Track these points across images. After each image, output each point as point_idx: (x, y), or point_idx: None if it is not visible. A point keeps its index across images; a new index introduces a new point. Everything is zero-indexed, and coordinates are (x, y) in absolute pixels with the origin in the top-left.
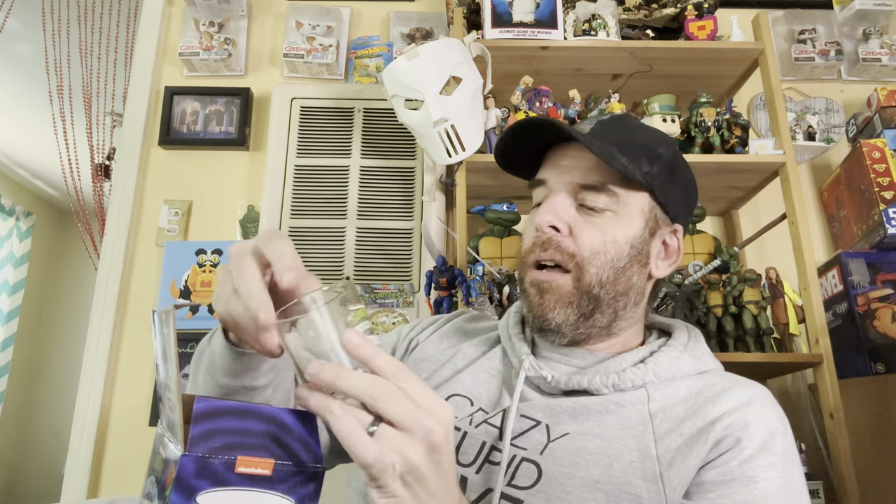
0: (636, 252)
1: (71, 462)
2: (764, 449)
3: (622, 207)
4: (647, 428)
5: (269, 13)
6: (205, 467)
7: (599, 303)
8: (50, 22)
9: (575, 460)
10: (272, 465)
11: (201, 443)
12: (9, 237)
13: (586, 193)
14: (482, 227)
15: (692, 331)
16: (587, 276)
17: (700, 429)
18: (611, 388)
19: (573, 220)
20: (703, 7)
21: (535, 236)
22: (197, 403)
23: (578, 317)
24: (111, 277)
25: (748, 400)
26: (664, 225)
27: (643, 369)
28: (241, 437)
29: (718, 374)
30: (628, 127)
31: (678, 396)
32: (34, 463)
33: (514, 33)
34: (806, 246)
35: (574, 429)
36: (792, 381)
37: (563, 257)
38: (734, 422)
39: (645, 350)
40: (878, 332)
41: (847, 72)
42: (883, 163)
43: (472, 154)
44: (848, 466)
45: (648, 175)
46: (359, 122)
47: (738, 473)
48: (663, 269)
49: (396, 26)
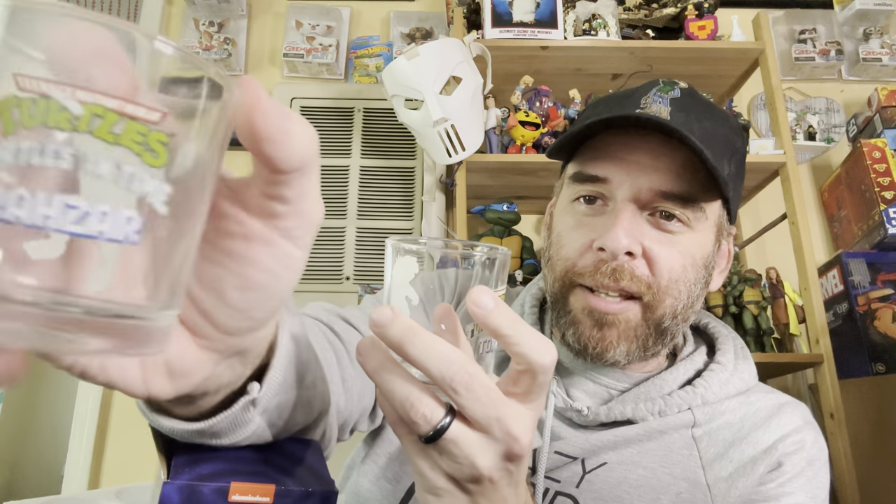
0: (708, 273)
1: (71, 462)
2: (800, 475)
3: (701, 222)
4: (693, 453)
5: (269, 13)
6: (193, 497)
7: (665, 334)
8: None
9: (616, 493)
10: (273, 492)
11: (186, 469)
12: None
13: (666, 203)
14: (482, 227)
15: (737, 342)
16: (661, 307)
17: (752, 457)
18: (656, 414)
19: (649, 240)
20: (703, 7)
21: (600, 259)
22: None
23: (640, 350)
24: None
25: (797, 427)
26: (725, 231)
27: (691, 393)
28: (235, 463)
29: (761, 391)
30: (705, 111)
31: (724, 419)
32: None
33: (514, 33)
34: (806, 246)
35: (612, 458)
36: (792, 381)
37: (640, 288)
38: (783, 449)
39: (689, 367)
40: (879, 332)
41: (847, 72)
42: (883, 163)
43: (472, 154)
44: (848, 466)
45: (729, 177)
46: (359, 122)
47: (771, 494)
48: (717, 281)
49: (396, 26)
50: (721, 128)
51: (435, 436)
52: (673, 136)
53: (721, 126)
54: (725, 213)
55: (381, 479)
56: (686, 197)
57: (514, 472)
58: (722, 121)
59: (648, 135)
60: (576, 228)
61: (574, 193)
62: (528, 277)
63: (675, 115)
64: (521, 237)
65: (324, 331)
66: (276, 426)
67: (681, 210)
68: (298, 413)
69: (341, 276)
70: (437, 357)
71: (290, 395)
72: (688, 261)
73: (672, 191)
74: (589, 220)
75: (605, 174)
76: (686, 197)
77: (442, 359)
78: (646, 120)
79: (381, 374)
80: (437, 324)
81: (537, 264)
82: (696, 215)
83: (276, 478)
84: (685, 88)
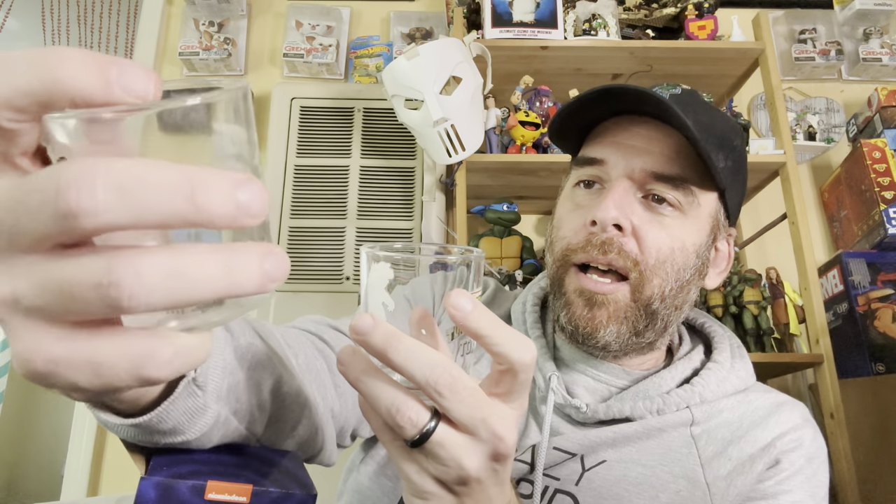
0: (700, 263)
1: (71, 462)
2: (799, 473)
3: (693, 208)
4: (692, 451)
5: (269, 13)
6: (169, 493)
7: (655, 318)
8: (50, 22)
9: (615, 491)
10: (250, 492)
11: (165, 468)
12: None
13: (658, 185)
14: (482, 227)
15: (733, 341)
16: (649, 287)
17: (751, 455)
18: (654, 412)
19: (639, 219)
20: (703, 7)
21: (590, 233)
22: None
23: (631, 334)
24: None
25: (795, 425)
26: (723, 229)
27: (689, 391)
28: (213, 465)
29: (759, 390)
30: (704, 108)
31: (722, 418)
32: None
33: (514, 33)
34: (806, 246)
35: (611, 456)
36: (792, 381)
37: (626, 263)
38: (781, 446)
39: (686, 366)
40: (879, 332)
41: (847, 71)
42: (883, 163)
43: (472, 154)
44: (848, 466)
45: (724, 171)
46: (359, 121)
47: (769, 491)
48: (714, 279)
49: (396, 26)
50: (718, 123)
51: (421, 439)
52: (669, 122)
53: (718, 122)
54: (723, 209)
55: (380, 477)
56: (676, 178)
57: (499, 472)
58: (720, 119)
59: (646, 121)
60: (573, 210)
61: (575, 178)
62: (528, 277)
63: (673, 105)
64: (521, 237)
65: (312, 340)
66: (242, 414)
67: (672, 193)
68: (268, 402)
69: (341, 276)
70: (421, 361)
71: (239, 376)
72: (677, 244)
73: (663, 172)
74: (586, 202)
75: (603, 156)
76: (676, 178)
77: (425, 363)
78: (642, 94)
79: (364, 382)
80: (416, 328)
81: (537, 264)
82: (688, 199)
83: (253, 479)
84: (687, 89)
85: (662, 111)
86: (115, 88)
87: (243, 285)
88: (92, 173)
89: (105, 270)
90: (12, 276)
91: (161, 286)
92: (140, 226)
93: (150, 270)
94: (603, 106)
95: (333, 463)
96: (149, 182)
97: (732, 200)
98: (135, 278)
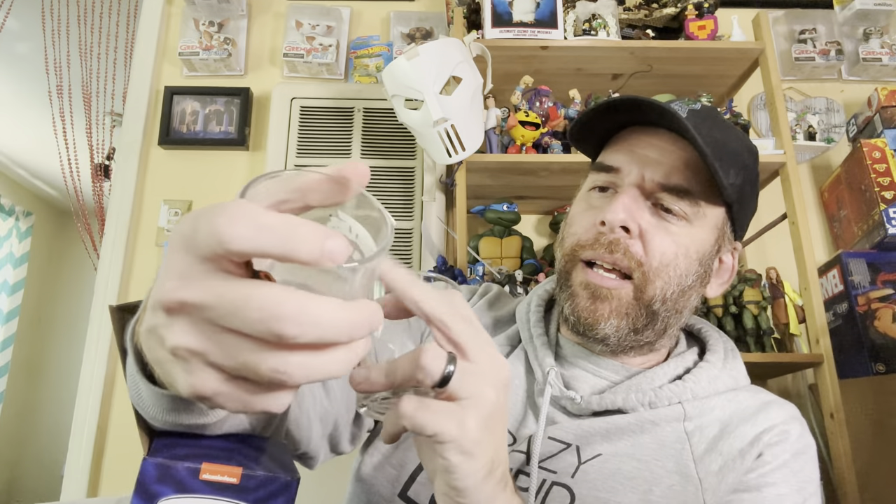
0: (703, 271)
1: (71, 462)
2: (784, 466)
3: (699, 219)
4: (685, 447)
5: (269, 13)
6: (167, 472)
7: (655, 318)
8: (49, 21)
9: (610, 484)
10: (240, 474)
11: (165, 450)
12: (8, 237)
13: (665, 195)
14: (482, 227)
15: (728, 344)
16: (651, 288)
17: (740, 450)
18: (646, 405)
19: (647, 223)
20: (703, 7)
21: (599, 232)
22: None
23: (630, 330)
24: (111, 277)
25: (782, 421)
26: (728, 242)
27: (681, 387)
28: (208, 449)
29: (750, 390)
30: (721, 126)
31: (713, 415)
32: (34, 463)
33: (514, 33)
34: (806, 246)
35: (606, 449)
36: (792, 381)
37: (631, 264)
38: (766, 440)
39: (679, 364)
40: (879, 332)
41: (847, 71)
42: (883, 163)
43: (472, 154)
44: (848, 466)
45: (733, 188)
46: (359, 121)
47: (752, 484)
48: (716, 289)
49: (396, 26)
50: (732, 142)
51: (446, 379)
52: (681, 135)
53: (732, 141)
54: (730, 223)
55: (385, 466)
56: (682, 190)
57: (504, 402)
58: (735, 139)
59: (662, 133)
60: (586, 210)
61: (591, 183)
62: (527, 277)
63: (689, 119)
64: (521, 237)
65: None
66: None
67: (677, 204)
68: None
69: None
70: (431, 300)
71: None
72: (681, 250)
73: (670, 183)
74: (598, 204)
75: (618, 164)
76: (682, 190)
77: (437, 301)
78: (660, 108)
79: (387, 377)
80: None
81: (537, 264)
82: (693, 210)
83: (244, 463)
84: (707, 105)
85: (676, 124)
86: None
87: (353, 336)
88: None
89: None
90: (203, 341)
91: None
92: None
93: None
94: (623, 115)
95: (318, 463)
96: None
97: (741, 216)
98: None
